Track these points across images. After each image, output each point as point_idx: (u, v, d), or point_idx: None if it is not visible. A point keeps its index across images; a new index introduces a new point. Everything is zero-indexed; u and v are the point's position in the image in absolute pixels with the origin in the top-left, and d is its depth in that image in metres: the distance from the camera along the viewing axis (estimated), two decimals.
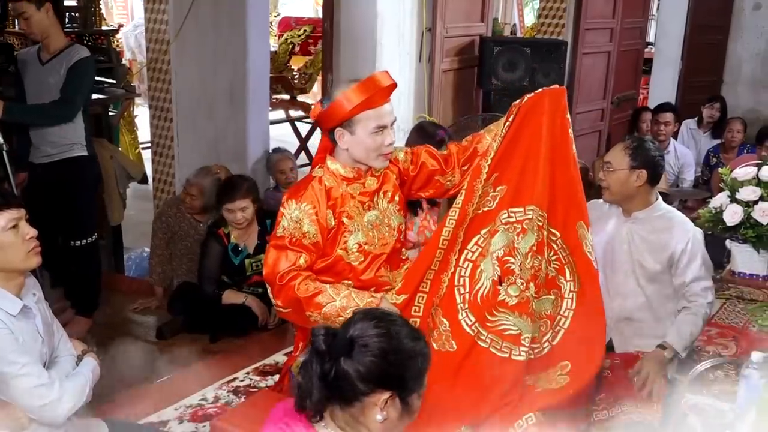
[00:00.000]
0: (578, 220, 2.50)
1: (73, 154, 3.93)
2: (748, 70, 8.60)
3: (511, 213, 2.41)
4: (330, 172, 2.49)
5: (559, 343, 2.43)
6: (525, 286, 2.36)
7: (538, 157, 2.45)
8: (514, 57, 4.95)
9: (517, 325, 2.34)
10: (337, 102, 2.38)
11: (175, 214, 4.42)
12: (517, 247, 2.38)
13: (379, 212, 2.53)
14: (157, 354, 3.92)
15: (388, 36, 4.50)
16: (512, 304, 2.35)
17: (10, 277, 2.29)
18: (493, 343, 2.34)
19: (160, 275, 4.44)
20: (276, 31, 9.87)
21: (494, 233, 2.40)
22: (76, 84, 3.81)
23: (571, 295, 2.46)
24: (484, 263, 2.38)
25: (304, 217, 2.41)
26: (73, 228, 4.03)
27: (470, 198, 2.50)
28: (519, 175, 2.46)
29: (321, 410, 1.63)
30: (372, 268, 2.51)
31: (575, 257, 2.48)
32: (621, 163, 2.91)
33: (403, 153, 2.64)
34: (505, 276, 2.36)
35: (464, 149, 2.66)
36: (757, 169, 4.14)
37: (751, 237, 4.08)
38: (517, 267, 2.37)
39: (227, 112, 4.79)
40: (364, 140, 2.40)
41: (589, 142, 6.74)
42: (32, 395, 2.23)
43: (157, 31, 4.68)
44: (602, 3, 6.40)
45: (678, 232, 2.95)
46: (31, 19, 3.73)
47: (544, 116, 2.48)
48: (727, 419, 2.29)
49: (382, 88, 2.39)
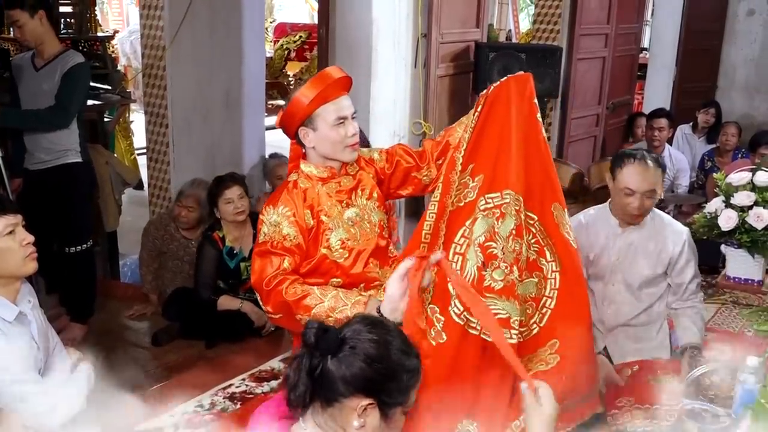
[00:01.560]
0: (553, 201, 2.51)
1: (67, 160, 3.93)
2: (742, 75, 8.64)
3: (488, 199, 2.41)
4: (304, 174, 2.53)
5: (547, 323, 2.44)
6: (509, 269, 2.36)
7: (510, 143, 2.45)
8: (509, 63, 4.95)
9: (506, 308, 2.33)
10: (293, 100, 2.44)
11: (162, 236, 4.41)
12: (497, 231, 2.37)
13: (359, 209, 2.55)
14: (152, 360, 3.91)
15: (383, 42, 4.51)
16: (498, 288, 2.34)
17: (6, 283, 2.28)
18: (483, 329, 2.34)
19: (152, 283, 4.44)
20: (272, 37, 9.90)
21: (475, 221, 2.40)
22: (70, 90, 3.81)
23: (554, 275, 2.47)
24: (469, 252, 2.38)
25: (282, 220, 2.43)
26: (68, 234, 4.02)
27: (447, 190, 2.52)
28: (493, 162, 2.46)
29: (304, 405, 1.62)
30: (359, 263, 2.52)
31: (553, 238, 2.49)
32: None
33: (377, 152, 2.69)
34: (489, 261, 2.35)
35: (437, 144, 2.70)
36: (751, 174, 4.16)
37: (746, 242, 4.10)
38: (499, 251, 2.37)
39: (223, 118, 4.79)
40: (327, 134, 2.44)
41: (584, 147, 6.76)
42: (27, 402, 2.22)
43: (152, 37, 4.68)
44: (597, 9, 6.42)
45: (672, 235, 2.98)
46: (24, 27, 3.73)
47: (511, 103, 2.49)
48: (724, 424, 2.29)
49: (334, 80, 2.44)
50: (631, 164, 2.86)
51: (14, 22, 3.74)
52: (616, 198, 2.94)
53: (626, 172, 2.87)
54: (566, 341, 2.43)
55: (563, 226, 2.51)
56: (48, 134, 3.87)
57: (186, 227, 4.40)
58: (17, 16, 3.70)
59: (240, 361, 3.78)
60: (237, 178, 4.15)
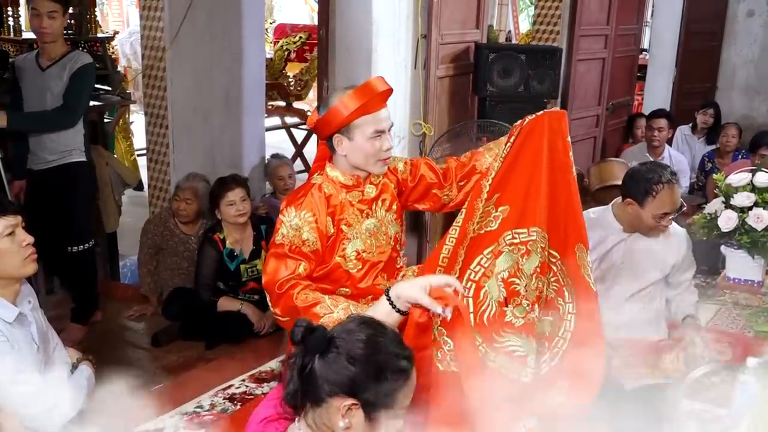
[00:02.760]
0: (577, 242, 2.49)
1: (72, 159, 3.94)
2: (741, 76, 8.63)
3: (515, 234, 2.40)
4: (329, 179, 2.50)
5: (557, 364, 2.44)
6: (530, 307, 2.36)
7: (540, 179, 2.44)
8: (509, 64, 4.95)
9: (524, 347, 2.33)
10: (334, 108, 2.39)
11: (161, 233, 4.41)
12: (522, 268, 2.37)
13: (377, 220, 2.54)
14: (152, 361, 3.91)
15: (383, 43, 4.50)
16: (519, 325, 2.34)
17: (6, 284, 2.28)
18: (502, 364, 2.33)
19: (150, 285, 4.44)
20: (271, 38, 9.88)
21: (499, 254, 2.38)
22: (78, 90, 3.83)
23: (570, 317, 2.47)
24: (489, 284, 2.36)
25: (303, 225, 2.40)
26: (70, 233, 4.02)
27: (471, 217, 2.50)
28: (523, 197, 2.45)
29: (296, 404, 1.62)
30: (369, 277, 2.52)
31: (573, 279, 2.48)
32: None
33: (402, 163, 2.66)
34: (511, 297, 2.35)
35: (462, 165, 2.67)
36: (751, 175, 4.16)
37: (745, 243, 4.10)
38: (522, 288, 2.36)
39: (223, 119, 4.79)
40: (362, 146, 2.42)
41: (584, 148, 6.75)
42: (28, 403, 2.22)
43: (152, 38, 4.68)
44: (597, 10, 6.42)
45: (675, 238, 3.00)
46: (56, 21, 3.77)
47: (544, 138, 2.47)
48: (724, 425, 2.30)
49: (378, 93, 2.41)
50: (662, 191, 2.84)
51: (51, 11, 3.73)
52: (647, 221, 2.90)
53: (661, 199, 2.85)
54: (575, 385, 2.42)
55: (584, 268, 2.50)
56: (54, 134, 3.87)
57: (186, 220, 4.39)
58: (55, 7, 3.74)
59: (240, 361, 3.78)
60: (239, 180, 4.15)
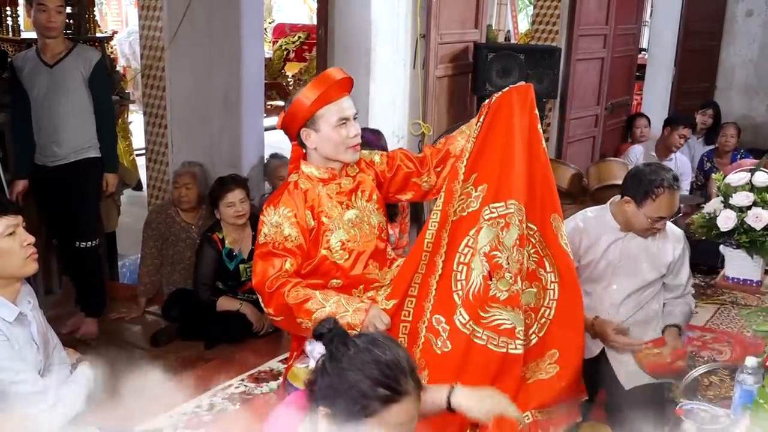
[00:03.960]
0: (552, 212, 2.53)
1: (89, 155, 3.99)
2: (740, 76, 8.64)
3: (493, 209, 2.43)
4: (305, 175, 2.54)
5: (546, 333, 2.47)
6: (513, 279, 2.38)
7: (512, 153, 2.48)
8: (508, 63, 4.96)
9: (511, 318, 2.35)
10: (295, 101, 2.46)
11: (164, 220, 4.41)
12: (502, 240, 2.39)
13: (359, 210, 2.56)
14: (151, 361, 3.90)
15: (382, 42, 4.51)
16: (503, 298, 2.36)
17: (6, 283, 2.28)
18: (490, 339, 2.35)
19: (147, 285, 4.43)
20: (271, 38, 9.89)
21: (479, 231, 2.41)
22: (106, 88, 4.04)
23: (553, 285, 2.51)
24: (474, 262, 2.39)
25: (283, 221, 2.44)
26: (81, 229, 4.03)
27: (450, 200, 2.52)
28: (497, 172, 2.48)
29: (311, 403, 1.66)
30: (359, 265, 2.53)
31: (552, 249, 2.52)
32: None
33: (378, 156, 2.70)
34: (494, 271, 2.37)
35: (437, 151, 2.71)
36: (750, 174, 4.16)
37: (744, 242, 4.09)
38: (504, 261, 2.38)
39: (222, 119, 4.79)
40: (329, 135, 2.46)
41: (583, 148, 6.76)
42: (27, 403, 2.22)
43: (151, 38, 4.68)
44: (596, 9, 6.42)
45: (672, 238, 3.00)
46: (62, 15, 3.84)
47: (513, 113, 2.51)
48: (722, 424, 2.29)
49: (336, 81, 2.46)
50: (662, 195, 2.82)
51: (58, 5, 3.79)
52: (641, 221, 2.89)
53: (660, 203, 2.83)
54: (565, 351, 2.47)
55: (561, 237, 2.54)
56: (73, 131, 3.91)
57: (187, 207, 4.39)
58: (62, 1, 3.81)
59: (239, 361, 3.78)
60: (239, 180, 4.15)
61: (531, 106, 2.53)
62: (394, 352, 1.62)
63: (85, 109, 3.94)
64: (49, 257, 4.52)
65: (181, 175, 4.38)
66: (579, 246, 2.95)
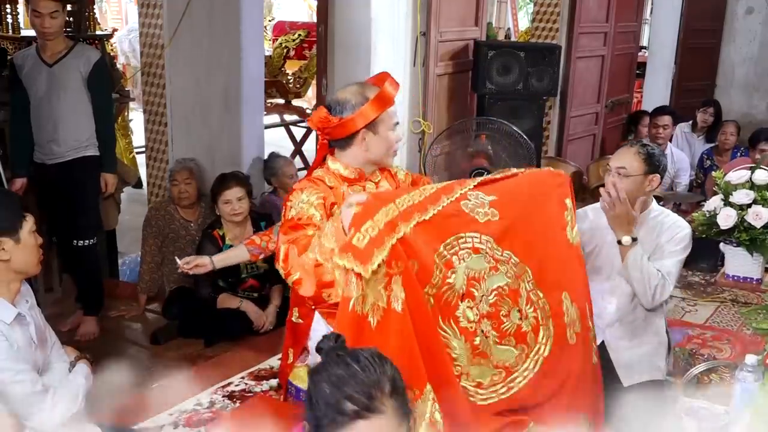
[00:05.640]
0: (564, 291, 2.46)
1: (87, 153, 3.98)
2: (741, 73, 8.64)
3: (491, 245, 2.33)
4: (330, 172, 2.54)
5: (511, 399, 2.34)
6: (478, 318, 2.28)
7: (531, 219, 2.44)
8: (508, 61, 4.96)
9: (458, 348, 2.24)
10: (355, 117, 2.44)
11: (163, 216, 4.40)
12: (485, 278, 2.31)
13: None
14: (151, 359, 3.90)
15: (382, 40, 4.51)
16: (462, 325, 2.26)
17: (8, 282, 2.29)
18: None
19: (148, 283, 4.43)
20: (270, 36, 9.88)
21: (477, 251, 2.30)
22: (105, 87, 4.02)
23: (537, 357, 2.39)
24: (458, 270, 2.26)
25: (314, 201, 2.43)
26: (81, 226, 4.03)
27: (450, 190, 2.35)
28: (512, 219, 2.39)
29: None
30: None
31: (554, 322, 2.43)
32: (636, 168, 2.89)
33: (403, 173, 2.75)
34: (467, 298, 2.28)
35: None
36: (750, 172, 4.16)
37: (744, 240, 4.10)
38: (478, 295, 2.29)
39: (222, 117, 4.79)
40: (387, 137, 2.52)
41: (583, 145, 6.76)
42: (26, 402, 2.23)
43: (151, 36, 4.68)
44: (596, 7, 6.42)
45: (670, 229, 2.97)
46: (57, 19, 3.81)
47: (548, 195, 2.50)
48: (722, 422, 2.29)
49: (393, 97, 2.50)
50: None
51: (52, 12, 3.76)
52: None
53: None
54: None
55: (570, 326, 2.45)
56: (73, 130, 3.92)
57: (187, 203, 4.39)
58: (56, 6, 3.78)
59: (239, 359, 3.78)
60: (240, 178, 4.12)
61: (562, 196, 2.51)
62: (379, 371, 1.59)
63: (84, 108, 3.94)
64: (49, 255, 4.51)
65: (178, 172, 4.38)
66: (588, 235, 2.94)
